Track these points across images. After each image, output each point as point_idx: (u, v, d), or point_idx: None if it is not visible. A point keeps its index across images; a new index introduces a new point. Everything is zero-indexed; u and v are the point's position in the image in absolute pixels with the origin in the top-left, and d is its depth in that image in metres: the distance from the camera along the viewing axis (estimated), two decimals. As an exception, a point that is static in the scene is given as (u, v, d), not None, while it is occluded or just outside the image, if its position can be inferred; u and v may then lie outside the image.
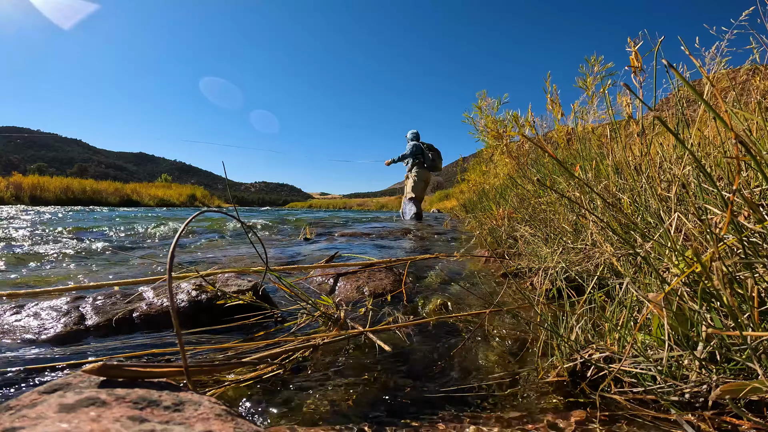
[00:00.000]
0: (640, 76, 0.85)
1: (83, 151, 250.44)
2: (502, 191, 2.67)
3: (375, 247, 2.72)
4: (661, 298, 0.57)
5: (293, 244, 2.91)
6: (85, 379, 0.44)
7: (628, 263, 0.85)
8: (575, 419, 0.56)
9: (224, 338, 0.94)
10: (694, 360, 0.54)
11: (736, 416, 0.50)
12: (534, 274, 1.36)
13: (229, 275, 1.31)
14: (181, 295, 1.09)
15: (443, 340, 0.94)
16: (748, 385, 0.45)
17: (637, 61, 0.85)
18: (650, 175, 0.87)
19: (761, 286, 0.53)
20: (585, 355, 0.66)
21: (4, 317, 0.96)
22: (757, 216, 0.53)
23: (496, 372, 0.76)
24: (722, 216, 0.58)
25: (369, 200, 61.85)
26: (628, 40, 0.87)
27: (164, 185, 26.48)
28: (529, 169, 2.20)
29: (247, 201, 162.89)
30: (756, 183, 0.70)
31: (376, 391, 0.69)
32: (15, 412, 0.36)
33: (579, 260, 1.04)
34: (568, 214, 1.31)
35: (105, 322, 0.97)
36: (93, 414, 0.36)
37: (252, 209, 20.28)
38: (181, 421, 0.38)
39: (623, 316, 0.67)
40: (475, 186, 4.65)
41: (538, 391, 0.67)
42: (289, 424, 0.58)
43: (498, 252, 1.88)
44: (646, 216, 0.87)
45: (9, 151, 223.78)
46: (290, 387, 0.70)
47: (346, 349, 0.87)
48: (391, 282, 1.42)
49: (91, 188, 18.82)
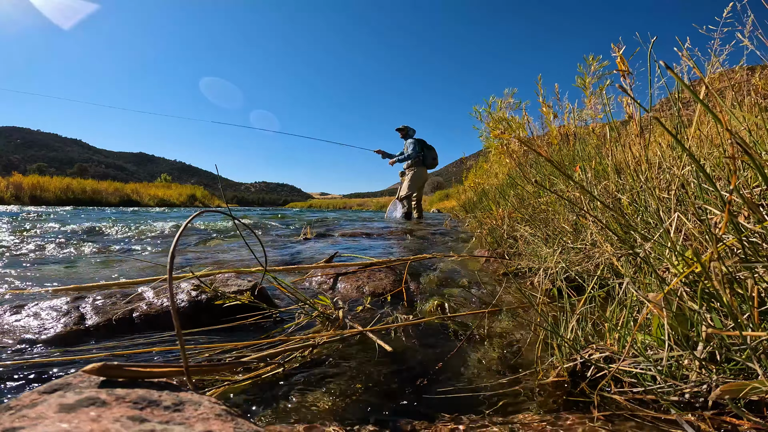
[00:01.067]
0: (628, 79, 0.85)
1: (83, 151, 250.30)
2: (502, 191, 2.67)
3: (375, 247, 2.72)
4: (661, 298, 0.57)
5: (293, 244, 2.91)
6: (85, 379, 0.44)
7: (628, 263, 0.85)
8: (575, 419, 0.56)
9: (224, 338, 0.94)
10: (694, 360, 0.54)
11: (736, 416, 0.50)
12: (534, 274, 1.36)
13: (229, 275, 1.31)
14: (181, 295, 1.09)
15: (443, 340, 0.94)
16: (748, 385, 0.45)
17: (624, 65, 0.85)
18: (649, 176, 0.87)
19: (761, 286, 0.53)
20: (585, 355, 0.66)
21: (4, 317, 0.96)
22: (757, 216, 0.53)
23: (496, 372, 0.76)
24: (721, 216, 0.58)
25: (369, 200, 61.86)
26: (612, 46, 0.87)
27: (164, 185, 26.48)
28: (529, 170, 2.20)
29: (247, 201, 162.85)
30: (755, 183, 0.70)
31: (376, 391, 0.69)
32: (15, 412, 0.36)
33: (579, 260, 1.04)
34: (567, 214, 1.31)
35: (105, 322, 0.97)
36: (93, 414, 0.36)
37: (252, 209, 20.29)
38: (181, 421, 0.38)
39: (623, 316, 0.67)
40: (475, 186, 4.65)
41: (538, 391, 0.67)
42: (288, 423, 0.58)
43: (498, 252, 1.88)
44: (645, 216, 0.87)
45: (9, 151, 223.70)
46: (290, 386, 0.70)
47: (346, 349, 0.87)
48: (391, 282, 1.42)
49: (91, 188, 18.83)
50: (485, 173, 4.45)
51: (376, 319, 1.09)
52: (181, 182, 50.67)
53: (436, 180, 6.98)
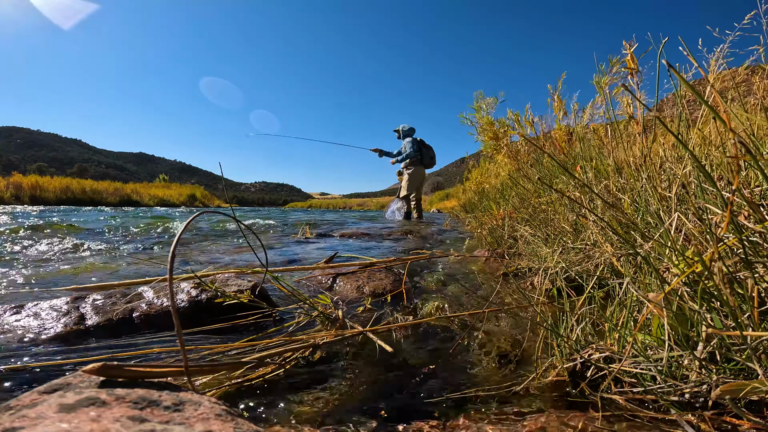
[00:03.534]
0: (637, 78, 0.85)
1: (83, 151, 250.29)
2: (503, 191, 2.67)
3: (375, 247, 2.72)
4: (661, 298, 0.57)
5: (293, 244, 2.91)
6: (85, 379, 0.44)
7: (628, 263, 0.85)
8: (575, 419, 0.56)
9: (224, 338, 0.94)
10: (694, 360, 0.54)
11: (736, 416, 0.50)
12: (534, 274, 1.36)
13: (229, 275, 1.31)
14: (181, 295, 1.09)
15: (443, 340, 0.94)
16: (748, 385, 0.45)
17: (633, 63, 0.85)
18: (651, 175, 0.87)
19: (761, 286, 0.53)
20: (585, 355, 0.66)
21: (4, 317, 0.96)
22: (757, 216, 0.53)
23: (496, 371, 0.76)
24: (722, 216, 0.58)
25: (369, 200, 61.85)
26: (624, 43, 0.87)
27: (164, 185, 26.49)
28: (529, 169, 2.20)
29: (247, 201, 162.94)
30: (756, 183, 0.70)
31: (376, 391, 0.69)
32: (15, 412, 0.36)
33: (579, 260, 1.04)
34: (568, 214, 1.31)
35: (105, 322, 0.97)
36: (93, 414, 0.36)
37: (252, 209, 20.30)
38: (181, 421, 0.38)
39: (623, 316, 0.67)
40: (476, 186, 4.65)
41: (538, 391, 0.67)
42: (288, 423, 0.58)
43: (498, 252, 1.88)
44: (646, 216, 0.87)
45: (9, 151, 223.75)
46: (290, 386, 0.70)
47: (346, 349, 0.87)
48: (391, 282, 1.42)
49: (91, 188, 18.84)
50: (485, 173, 4.45)
51: (377, 319, 1.09)
52: (181, 182, 50.75)
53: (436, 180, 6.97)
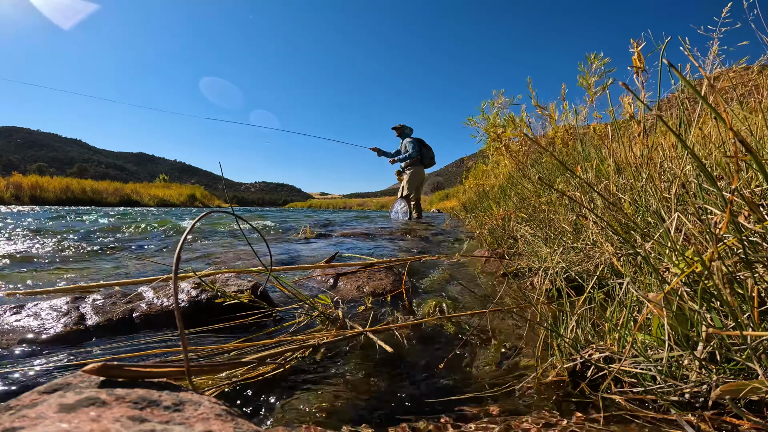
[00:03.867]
0: (642, 77, 0.85)
1: (83, 151, 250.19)
2: (503, 190, 2.67)
3: (375, 247, 2.72)
4: (661, 298, 0.57)
5: (293, 244, 2.91)
6: (85, 379, 0.44)
7: (628, 263, 0.85)
8: (575, 419, 0.56)
9: (224, 338, 0.94)
10: (694, 360, 0.54)
11: (736, 416, 0.50)
12: (534, 274, 1.36)
13: (229, 275, 1.31)
14: (181, 295, 1.09)
15: (443, 340, 0.94)
16: (748, 385, 0.45)
17: (640, 62, 0.85)
18: (651, 175, 0.87)
19: (761, 286, 0.53)
20: (585, 355, 0.66)
21: (4, 317, 0.96)
22: (757, 216, 0.53)
23: (496, 371, 0.76)
24: (722, 216, 0.58)
25: (369, 200, 61.84)
26: (632, 41, 0.87)
27: (164, 185, 26.50)
28: (529, 169, 2.20)
29: (247, 201, 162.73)
30: (756, 183, 0.70)
31: (376, 391, 0.69)
32: (15, 412, 0.36)
33: (579, 260, 1.04)
34: (568, 214, 1.31)
35: (105, 322, 0.97)
36: (93, 414, 0.36)
37: (252, 209, 20.30)
38: (181, 421, 0.38)
39: (623, 316, 0.67)
40: (476, 186, 4.65)
41: (538, 391, 0.67)
42: (288, 423, 0.58)
43: (498, 252, 1.88)
44: (646, 216, 0.87)
45: (9, 151, 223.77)
46: (290, 387, 0.70)
47: (346, 349, 0.87)
48: (391, 282, 1.42)
49: (90, 188, 18.85)
50: (485, 173, 4.45)
51: (377, 319, 1.09)
52: (181, 182, 50.78)
53: (436, 180, 6.97)
